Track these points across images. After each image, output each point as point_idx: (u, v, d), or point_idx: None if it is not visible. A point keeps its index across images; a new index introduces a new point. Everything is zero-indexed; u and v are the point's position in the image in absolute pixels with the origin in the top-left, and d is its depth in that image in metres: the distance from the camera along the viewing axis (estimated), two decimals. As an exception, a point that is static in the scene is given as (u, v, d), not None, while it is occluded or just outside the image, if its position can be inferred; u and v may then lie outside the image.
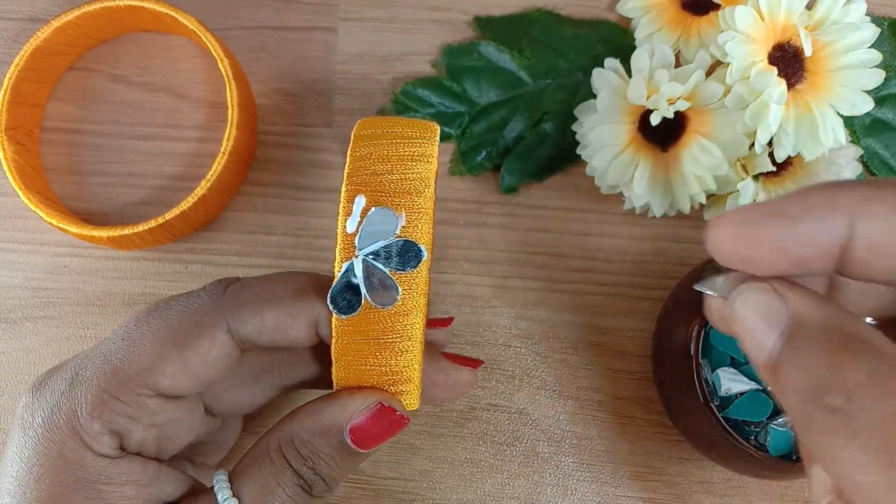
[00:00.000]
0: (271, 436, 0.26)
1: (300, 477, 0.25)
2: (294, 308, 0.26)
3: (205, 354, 0.25)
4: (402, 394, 0.26)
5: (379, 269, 0.24)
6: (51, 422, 0.25)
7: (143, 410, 0.25)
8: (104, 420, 0.24)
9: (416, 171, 0.24)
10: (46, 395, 0.25)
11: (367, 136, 0.25)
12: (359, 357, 0.25)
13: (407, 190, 0.24)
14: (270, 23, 0.41)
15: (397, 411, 0.25)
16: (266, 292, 0.26)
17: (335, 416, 0.25)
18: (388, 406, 0.25)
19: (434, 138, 0.25)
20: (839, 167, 0.37)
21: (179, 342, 0.25)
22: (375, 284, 0.24)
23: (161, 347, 0.25)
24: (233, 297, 0.26)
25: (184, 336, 0.25)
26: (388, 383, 0.26)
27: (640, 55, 0.37)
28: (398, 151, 0.25)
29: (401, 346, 0.25)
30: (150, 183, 0.40)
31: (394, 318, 0.25)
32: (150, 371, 0.25)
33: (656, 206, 0.38)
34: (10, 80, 0.38)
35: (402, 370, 0.25)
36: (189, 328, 0.25)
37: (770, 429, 0.32)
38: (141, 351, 0.25)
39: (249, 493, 0.25)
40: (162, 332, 0.25)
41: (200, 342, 0.25)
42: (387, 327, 0.25)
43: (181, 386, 0.25)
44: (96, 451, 0.24)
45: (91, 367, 0.25)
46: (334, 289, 0.25)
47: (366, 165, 0.25)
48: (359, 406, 0.25)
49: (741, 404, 0.32)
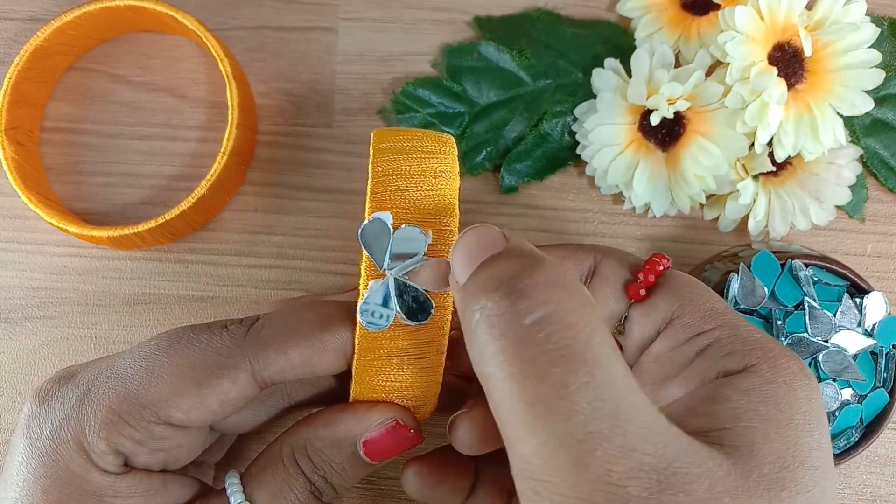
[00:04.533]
0: (285, 440, 0.26)
1: (312, 484, 0.25)
2: (320, 341, 0.25)
3: (224, 394, 0.25)
4: (417, 409, 0.26)
5: (412, 287, 0.24)
6: (59, 436, 0.25)
7: (150, 436, 0.25)
8: (111, 441, 0.24)
9: (439, 187, 0.24)
10: (56, 406, 0.25)
11: (387, 150, 0.25)
12: (380, 373, 0.25)
13: (433, 208, 0.24)
14: (270, 23, 0.41)
15: (412, 429, 0.25)
16: (289, 329, 0.25)
17: (350, 428, 0.25)
18: (403, 424, 0.25)
19: (453, 152, 0.25)
20: (839, 167, 0.37)
21: (200, 380, 0.25)
22: (409, 302, 0.24)
23: (179, 383, 0.25)
24: (255, 337, 0.25)
25: (204, 374, 0.25)
26: (406, 398, 0.26)
27: (640, 55, 0.37)
28: (421, 167, 0.24)
29: (423, 362, 0.25)
30: (150, 183, 0.40)
31: (418, 336, 0.25)
32: (165, 404, 0.25)
33: (656, 206, 0.38)
34: (10, 80, 0.38)
35: (423, 386, 0.25)
36: (210, 367, 0.25)
37: (770, 429, 0.32)
38: (159, 382, 0.25)
39: (262, 497, 0.25)
40: (183, 367, 0.25)
41: (221, 383, 0.25)
42: (411, 344, 0.25)
43: (193, 420, 0.25)
44: (102, 468, 0.25)
45: (104, 386, 0.25)
46: (365, 302, 0.24)
47: (388, 181, 0.24)
48: (375, 421, 0.25)
49: (741, 404, 0.32)
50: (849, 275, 0.33)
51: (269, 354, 0.25)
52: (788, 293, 0.32)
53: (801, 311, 0.32)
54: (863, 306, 0.32)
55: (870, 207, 0.39)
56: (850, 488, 0.38)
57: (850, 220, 0.39)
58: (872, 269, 0.39)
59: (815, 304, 0.32)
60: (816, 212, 0.37)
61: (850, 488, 0.38)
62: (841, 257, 0.38)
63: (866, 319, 0.32)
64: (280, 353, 0.25)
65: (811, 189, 0.37)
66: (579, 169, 0.40)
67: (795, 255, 0.33)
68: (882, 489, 0.37)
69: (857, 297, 0.33)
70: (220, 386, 0.25)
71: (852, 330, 0.32)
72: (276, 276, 0.39)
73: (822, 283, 0.33)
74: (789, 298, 0.32)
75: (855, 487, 0.38)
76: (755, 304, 0.32)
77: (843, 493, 0.38)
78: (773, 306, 0.32)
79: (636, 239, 0.39)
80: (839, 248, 0.39)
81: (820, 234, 0.39)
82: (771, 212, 0.37)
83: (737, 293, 0.32)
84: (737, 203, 0.37)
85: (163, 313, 0.39)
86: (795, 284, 0.32)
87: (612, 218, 0.40)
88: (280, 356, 0.25)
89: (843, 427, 0.32)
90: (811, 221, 0.37)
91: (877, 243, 0.39)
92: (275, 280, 0.39)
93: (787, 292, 0.32)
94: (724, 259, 0.35)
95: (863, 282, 0.33)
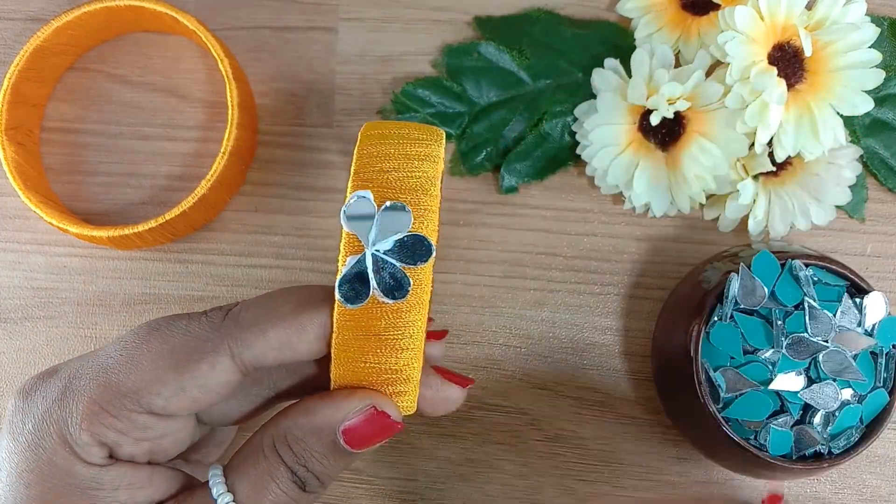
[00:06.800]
0: (265, 431, 0.26)
1: (294, 473, 0.25)
2: (299, 321, 0.25)
3: (203, 379, 0.25)
4: (399, 394, 0.26)
5: (390, 263, 0.24)
6: (41, 429, 0.25)
7: (133, 426, 0.25)
8: (93, 432, 0.24)
9: (422, 169, 0.25)
10: (38, 400, 0.25)
11: (374, 136, 0.25)
12: (358, 353, 0.25)
13: (413, 187, 0.25)
14: (270, 23, 0.41)
15: (391, 416, 0.25)
16: (267, 311, 0.25)
17: (329, 416, 0.25)
18: (381, 411, 0.25)
19: (440, 141, 0.25)
20: (839, 167, 0.37)
21: (179, 366, 0.25)
22: (386, 279, 0.24)
23: (159, 369, 0.25)
24: (234, 320, 0.25)
25: (184, 360, 0.25)
26: (387, 382, 0.26)
27: (640, 55, 0.37)
28: (405, 150, 0.25)
29: (401, 343, 0.25)
30: (150, 183, 0.40)
31: (396, 315, 0.25)
32: (145, 391, 0.25)
33: (656, 206, 0.38)
34: (10, 80, 0.38)
35: (402, 369, 0.25)
36: (190, 352, 0.25)
37: (770, 429, 0.32)
38: (139, 369, 0.25)
39: (244, 488, 0.25)
40: (162, 353, 0.25)
41: (200, 367, 0.25)
42: (389, 323, 0.25)
43: (175, 408, 0.25)
44: (86, 461, 0.24)
45: (85, 378, 0.25)
46: (342, 278, 0.25)
47: (372, 163, 0.25)
48: (353, 408, 0.25)
49: (741, 404, 0.32)
50: (849, 275, 0.33)
51: (248, 336, 0.25)
52: (788, 293, 0.32)
53: (801, 311, 0.32)
54: (863, 306, 0.32)
55: (870, 207, 0.39)
56: (850, 488, 0.38)
57: (850, 220, 0.39)
58: (872, 269, 0.39)
59: (815, 304, 0.32)
60: (816, 212, 0.37)
61: (850, 488, 0.38)
62: (841, 257, 0.38)
63: (866, 319, 0.32)
64: (259, 334, 0.25)
65: (811, 189, 0.37)
66: (579, 169, 0.40)
67: (795, 255, 0.33)
68: (882, 489, 0.37)
69: (857, 297, 0.33)
70: (199, 370, 0.25)
71: (852, 330, 0.32)
72: (276, 276, 0.39)
73: (822, 283, 0.33)
74: (789, 298, 0.32)
75: (855, 487, 0.38)
76: (755, 304, 0.32)
77: (843, 492, 0.38)
78: (773, 306, 0.32)
79: (636, 239, 0.39)
80: (839, 248, 0.39)
81: (820, 234, 0.39)
82: (771, 212, 0.37)
83: (737, 293, 0.32)
84: (737, 203, 0.37)
85: (163, 313, 0.39)
86: (795, 284, 0.32)
87: (612, 218, 0.40)
88: (259, 338, 0.25)
89: (843, 427, 0.32)
90: (811, 221, 0.37)
91: (877, 243, 0.39)
92: (275, 280, 0.39)
93: (787, 292, 0.32)
94: (724, 259, 0.35)
95: (863, 282, 0.33)
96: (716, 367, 0.32)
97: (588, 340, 0.39)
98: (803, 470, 0.32)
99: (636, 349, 0.39)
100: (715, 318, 0.33)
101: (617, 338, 0.39)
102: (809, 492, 0.38)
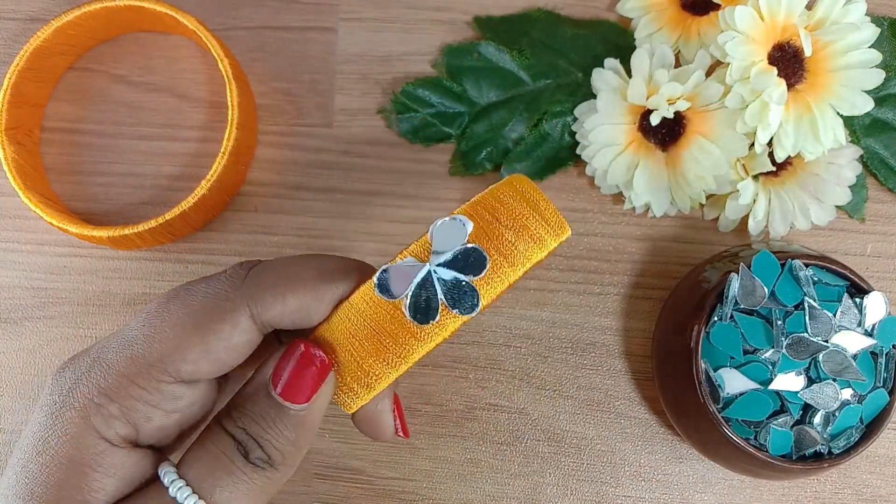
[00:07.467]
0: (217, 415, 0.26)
1: (235, 440, 0.25)
2: (318, 290, 0.25)
3: (227, 339, 0.25)
4: (352, 392, 0.26)
5: (434, 289, 0.24)
6: (66, 400, 0.25)
7: (163, 397, 0.25)
8: (123, 405, 0.24)
9: (527, 249, 0.25)
10: (67, 375, 0.25)
11: (515, 191, 0.25)
12: (350, 334, 0.25)
13: (507, 254, 0.25)
14: (270, 23, 0.41)
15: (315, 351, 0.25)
16: (288, 275, 0.26)
17: (262, 374, 0.25)
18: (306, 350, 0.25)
19: (560, 237, 0.25)
20: (839, 167, 0.37)
21: (201, 327, 0.25)
22: (420, 300, 0.24)
23: (182, 333, 0.25)
24: (254, 280, 0.26)
25: (206, 321, 0.25)
26: (352, 376, 0.25)
27: (640, 55, 0.37)
28: (528, 223, 0.25)
29: (390, 357, 0.25)
30: (150, 183, 0.40)
31: (402, 334, 0.25)
32: (172, 358, 0.25)
33: (656, 206, 0.38)
34: (10, 80, 0.38)
35: (374, 375, 0.25)
36: (210, 313, 0.25)
37: (770, 429, 0.32)
38: (162, 337, 0.25)
39: (197, 470, 0.25)
40: (183, 318, 0.25)
41: (222, 327, 0.25)
42: (390, 333, 0.25)
43: (203, 371, 0.25)
44: (101, 434, 0.24)
45: (112, 352, 0.25)
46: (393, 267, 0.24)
47: (495, 208, 0.25)
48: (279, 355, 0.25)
49: (741, 404, 0.32)
50: (849, 275, 0.33)
51: (267, 299, 0.25)
52: (788, 293, 0.32)
53: (801, 311, 0.32)
54: (863, 306, 0.32)
55: (870, 207, 0.39)
56: (850, 488, 0.38)
57: (850, 220, 0.39)
58: (872, 269, 0.39)
59: (815, 304, 0.32)
60: (816, 212, 0.37)
61: (850, 488, 0.38)
62: (841, 257, 0.38)
63: (866, 319, 0.32)
64: (278, 297, 0.25)
65: (811, 189, 0.37)
66: (579, 169, 0.40)
67: (795, 255, 0.33)
68: (882, 489, 0.37)
69: (857, 297, 0.33)
70: (223, 331, 0.25)
71: (852, 330, 0.32)
72: (276, 276, 0.39)
73: (822, 283, 0.33)
74: (789, 298, 0.32)
75: (855, 487, 0.38)
76: (755, 304, 0.32)
77: (843, 492, 0.38)
78: (773, 306, 0.32)
79: (636, 239, 0.39)
80: (839, 248, 0.39)
81: (820, 234, 0.39)
82: (771, 212, 0.37)
83: (737, 293, 0.32)
84: (737, 203, 0.37)
85: (163, 313, 0.39)
86: (795, 284, 0.32)
87: (612, 218, 0.40)
88: (278, 300, 0.25)
89: (843, 427, 0.32)
90: (811, 221, 0.37)
91: (877, 243, 0.39)
92: (275, 280, 0.39)
93: (787, 292, 0.32)
94: (724, 259, 0.35)
95: (863, 282, 0.33)
96: (716, 367, 0.32)
97: (588, 340, 0.39)
98: (803, 470, 0.32)
99: (636, 349, 0.39)
100: (715, 318, 0.33)
101: (617, 338, 0.39)
102: (809, 492, 0.38)
